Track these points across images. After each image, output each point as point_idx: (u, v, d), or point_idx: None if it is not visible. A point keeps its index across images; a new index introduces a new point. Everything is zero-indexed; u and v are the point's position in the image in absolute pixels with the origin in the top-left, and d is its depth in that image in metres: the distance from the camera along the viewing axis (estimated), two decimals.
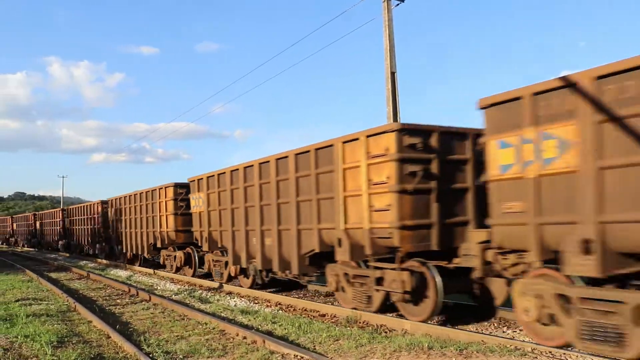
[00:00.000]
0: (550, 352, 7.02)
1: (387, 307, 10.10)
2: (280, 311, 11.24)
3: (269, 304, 12.16)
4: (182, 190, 19.14)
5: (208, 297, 13.67)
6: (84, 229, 33.04)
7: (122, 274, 21.09)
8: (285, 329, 9.18)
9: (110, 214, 27.38)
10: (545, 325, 7.48)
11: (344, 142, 10.25)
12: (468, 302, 10.44)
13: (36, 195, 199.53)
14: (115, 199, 26.10)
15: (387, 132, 9.23)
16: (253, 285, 14.48)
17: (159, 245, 20.65)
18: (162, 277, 19.22)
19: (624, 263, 6.63)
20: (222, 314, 10.96)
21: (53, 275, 21.10)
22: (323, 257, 11.39)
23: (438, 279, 9.10)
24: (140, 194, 22.80)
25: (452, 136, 9.53)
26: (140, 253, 23.08)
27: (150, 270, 21.12)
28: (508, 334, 8.55)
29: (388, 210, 9.24)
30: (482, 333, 8.25)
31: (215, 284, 15.63)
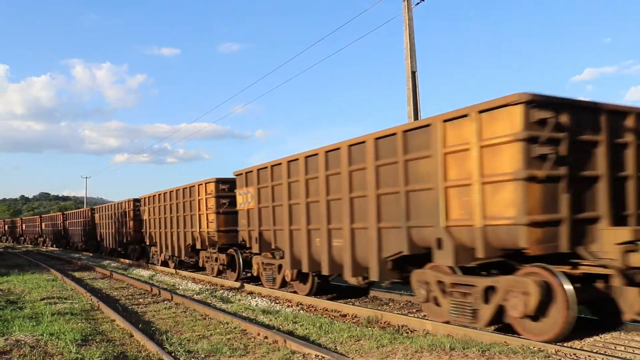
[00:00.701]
0: (574, 354, 6.93)
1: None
2: (301, 311, 11.26)
3: (290, 304, 12.19)
4: (138, 204, 27.26)
5: (229, 296, 13.75)
6: (79, 229, 41.47)
7: (145, 273, 21.30)
8: (306, 329, 9.19)
9: (96, 219, 36.28)
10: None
11: (199, 185, 18.62)
12: None
13: (60, 195, 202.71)
14: (99, 207, 36.38)
15: (210, 182, 18.06)
16: (176, 267, 21.99)
17: (124, 241, 29.53)
18: (184, 276, 19.38)
19: (269, 249, 14.46)
20: (244, 314, 11.00)
21: (77, 274, 21.39)
22: (195, 248, 19.53)
23: None
24: (114, 204, 31.96)
25: None
26: (114, 247, 31.85)
27: (172, 270, 21.32)
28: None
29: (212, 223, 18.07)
30: (505, 334, 8.17)
31: (237, 284, 15.72)
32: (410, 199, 9.25)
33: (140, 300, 13.55)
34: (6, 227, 75.33)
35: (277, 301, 12.70)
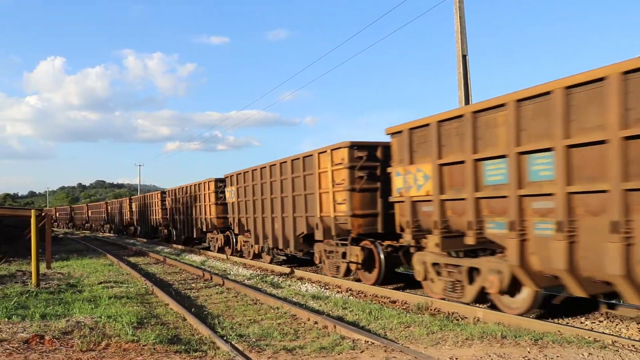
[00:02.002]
0: (632, 345, 6.72)
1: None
2: (350, 297, 11.29)
3: (339, 290, 12.23)
4: (164, 195, 33.28)
5: (279, 282, 13.90)
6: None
7: (197, 258, 21.74)
8: (356, 314, 9.22)
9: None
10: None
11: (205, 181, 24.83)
12: None
13: (115, 183, 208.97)
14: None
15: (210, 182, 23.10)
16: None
17: (154, 225, 36.01)
18: (235, 262, 19.69)
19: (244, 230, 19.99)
20: (294, 299, 11.11)
21: (132, 259, 22.00)
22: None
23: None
24: (144, 196, 39.37)
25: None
26: (150, 230, 38.28)
27: (223, 256, 21.68)
28: (586, 325, 8.24)
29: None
30: (558, 323, 7.99)
31: (287, 270, 15.87)
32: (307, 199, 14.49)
33: (193, 285, 13.85)
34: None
35: (326, 287, 12.76)
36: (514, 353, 6.48)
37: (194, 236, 27.09)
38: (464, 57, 17.80)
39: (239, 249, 21.10)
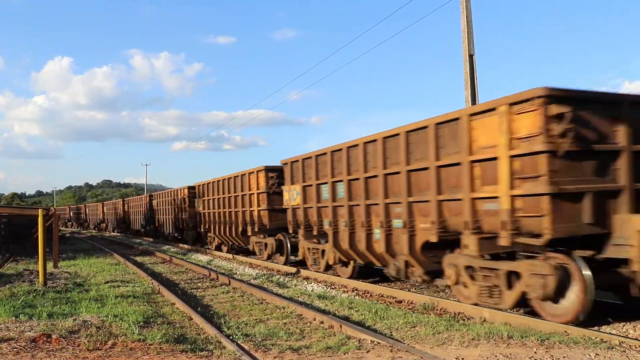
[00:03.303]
0: None
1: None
2: (356, 297, 11.28)
3: (345, 290, 12.23)
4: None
5: (285, 281, 13.91)
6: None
7: (203, 258, 21.78)
8: (362, 314, 9.21)
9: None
10: None
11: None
12: None
13: (122, 182, 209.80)
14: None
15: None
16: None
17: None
18: (241, 262, 19.71)
19: None
20: (300, 299, 11.12)
21: (138, 259, 22.06)
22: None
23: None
24: (133, 198, 45.65)
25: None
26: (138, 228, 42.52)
27: (230, 255, 21.71)
28: (593, 326, 8.19)
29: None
30: (565, 324, 7.96)
31: (293, 269, 15.87)
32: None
33: (199, 284, 13.88)
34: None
35: (332, 287, 12.76)
36: (521, 353, 6.46)
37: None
38: (471, 56, 17.75)
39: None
